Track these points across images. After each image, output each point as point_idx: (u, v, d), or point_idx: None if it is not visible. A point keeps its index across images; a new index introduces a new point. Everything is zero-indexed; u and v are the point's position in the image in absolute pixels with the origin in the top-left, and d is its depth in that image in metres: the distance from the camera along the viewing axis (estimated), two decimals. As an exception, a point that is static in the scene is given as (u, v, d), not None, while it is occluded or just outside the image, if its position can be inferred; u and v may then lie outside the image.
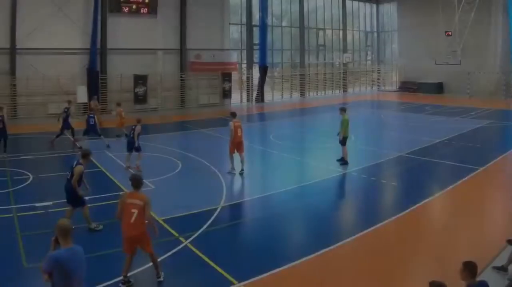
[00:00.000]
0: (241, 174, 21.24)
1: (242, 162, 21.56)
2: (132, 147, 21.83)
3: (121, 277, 10.59)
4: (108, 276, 10.95)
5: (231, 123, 21.39)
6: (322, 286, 11.09)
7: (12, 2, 37.67)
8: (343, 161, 22.48)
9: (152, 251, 10.86)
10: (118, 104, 30.94)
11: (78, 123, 29.76)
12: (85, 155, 14.32)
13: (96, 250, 12.26)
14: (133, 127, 22.02)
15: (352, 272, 11.78)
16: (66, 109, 27.56)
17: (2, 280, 10.52)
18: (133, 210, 10.47)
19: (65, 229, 7.20)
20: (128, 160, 21.95)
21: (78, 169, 13.73)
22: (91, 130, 26.92)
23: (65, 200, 14.28)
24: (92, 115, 27.22)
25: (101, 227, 14.20)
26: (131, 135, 21.91)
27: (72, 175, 13.74)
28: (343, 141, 22.45)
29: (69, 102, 28.94)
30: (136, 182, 11.01)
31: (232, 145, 21.41)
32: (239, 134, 21.45)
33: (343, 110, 22.61)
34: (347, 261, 12.45)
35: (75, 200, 13.98)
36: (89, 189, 14.84)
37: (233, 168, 21.54)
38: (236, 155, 21.61)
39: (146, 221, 10.69)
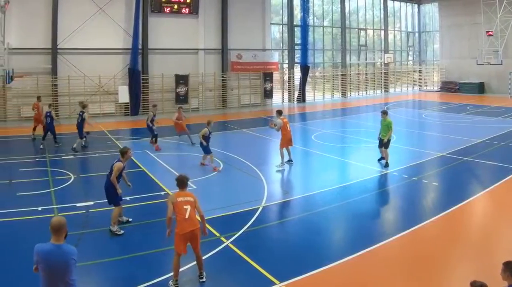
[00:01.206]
0: (289, 162, 21.86)
1: (289, 153, 22.12)
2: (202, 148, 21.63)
3: (170, 281, 10.33)
4: (147, 276, 10.72)
5: (279, 120, 21.81)
6: (363, 286, 10.72)
7: (53, 3, 36.58)
8: (386, 163, 21.37)
9: (200, 251, 10.68)
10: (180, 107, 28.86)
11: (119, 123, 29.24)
12: (124, 152, 14.05)
13: (135, 250, 12.20)
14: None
15: (393, 272, 11.36)
16: (81, 113, 25.93)
17: None
18: (185, 206, 10.39)
19: (56, 226, 7.04)
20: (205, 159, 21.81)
21: (118, 165, 13.62)
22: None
23: (106, 200, 14.08)
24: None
25: (122, 232, 13.57)
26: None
27: (111, 171, 13.64)
28: (386, 144, 21.27)
29: (84, 106, 26.73)
30: (182, 182, 10.89)
31: (283, 141, 21.90)
32: (288, 129, 22.09)
33: (385, 113, 21.38)
34: (388, 261, 11.96)
35: (112, 198, 13.74)
36: (130, 185, 14.73)
37: (282, 163, 21.53)
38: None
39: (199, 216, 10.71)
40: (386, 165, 21.11)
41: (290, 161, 22.03)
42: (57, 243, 7.02)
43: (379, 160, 21.71)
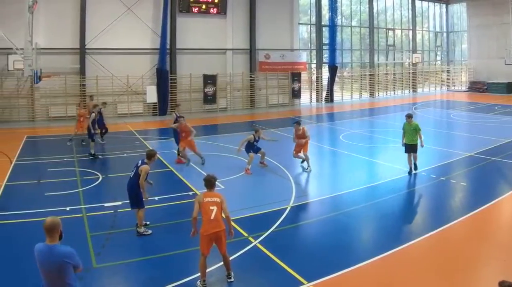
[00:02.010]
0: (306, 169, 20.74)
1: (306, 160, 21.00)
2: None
3: (198, 281, 10.07)
4: (175, 276, 10.46)
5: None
6: (392, 286, 10.46)
7: (81, 3, 35.66)
8: (414, 167, 19.68)
9: (226, 252, 10.35)
10: None
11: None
12: (152, 155, 13.65)
13: (164, 250, 11.94)
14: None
15: (421, 272, 10.90)
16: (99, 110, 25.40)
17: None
18: (211, 207, 10.09)
19: (48, 226, 6.86)
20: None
21: (146, 168, 13.14)
22: None
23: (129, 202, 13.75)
24: None
25: (150, 232, 13.20)
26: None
27: (136, 174, 13.16)
28: (415, 148, 19.48)
29: (95, 106, 25.48)
30: (209, 182, 10.57)
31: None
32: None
33: (410, 116, 19.66)
34: (416, 261, 11.61)
35: (138, 200, 13.20)
36: (152, 183, 14.22)
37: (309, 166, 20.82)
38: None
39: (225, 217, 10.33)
40: (415, 168, 19.55)
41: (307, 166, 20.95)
42: (50, 243, 6.82)
43: (409, 173, 19.51)
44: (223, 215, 10.23)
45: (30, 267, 9.28)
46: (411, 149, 19.42)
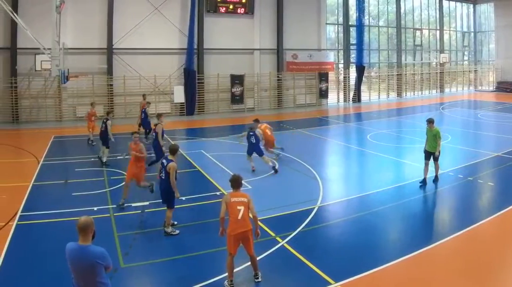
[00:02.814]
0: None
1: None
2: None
3: (225, 281, 9.79)
4: (203, 276, 10.21)
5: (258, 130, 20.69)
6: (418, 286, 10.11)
7: (109, 3, 34.60)
8: (435, 178, 17.58)
9: (254, 252, 10.00)
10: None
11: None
12: (174, 150, 13.14)
13: (191, 250, 11.67)
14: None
15: (449, 272, 10.55)
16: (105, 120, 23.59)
17: None
18: (239, 207, 9.81)
19: (82, 226, 6.56)
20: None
21: (173, 165, 12.63)
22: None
23: (161, 200, 13.31)
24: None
25: (177, 232, 12.85)
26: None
27: (167, 173, 12.64)
28: (437, 157, 17.37)
29: (108, 113, 23.92)
30: (236, 182, 10.26)
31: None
32: (269, 133, 21.55)
33: (431, 122, 17.51)
34: (443, 261, 11.15)
35: (168, 199, 12.85)
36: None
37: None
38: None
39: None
40: (435, 179, 17.50)
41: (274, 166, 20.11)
42: (83, 243, 6.57)
43: (422, 184, 17.27)
44: (250, 215, 9.95)
45: (58, 267, 9.00)
46: (430, 156, 17.41)
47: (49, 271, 10.31)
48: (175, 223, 13.27)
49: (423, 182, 17.26)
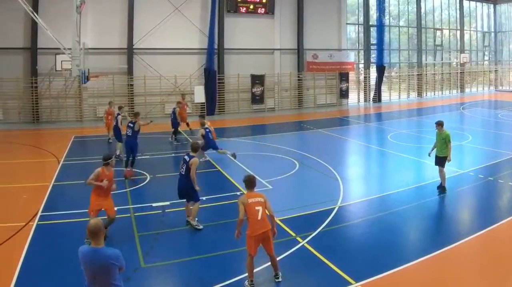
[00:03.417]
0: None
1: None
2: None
3: (245, 281, 9.52)
4: (223, 276, 9.92)
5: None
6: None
7: (129, 3, 33.55)
8: (442, 189, 15.97)
9: (274, 252, 9.69)
10: None
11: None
12: (196, 147, 13.25)
13: (211, 250, 11.37)
14: None
15: (470, 272, 10.42)
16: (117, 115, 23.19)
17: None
18: (257, 207, 9.50)
19: (93, 229, 6.42)
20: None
21: (195, 161, 12.62)
22: None
23: (181, 200, 13.31)
24: None
25: (201, 226, 12.75)
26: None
27: (187, 169, 12.58)
28: (443, 162, 15.99)
29: (120, 108, 23.97)
30: (251, 183, 9.94)
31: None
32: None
33: (440, 124, 16.16)
34: (464, 261, 10.99)
35: (193, 194, 12.77)
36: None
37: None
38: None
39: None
40: (443, 190, 15.84)
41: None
42: (96, 246, 6.44)
43: (439, 190, 16.02)
44: (268, 214, 9.67)
45: (78, 267, 8.27)
46: (438, 161, 16.08)
47: (68, 271, 9.86)
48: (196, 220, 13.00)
49: (440, 187, 15.97)
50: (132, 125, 18.52)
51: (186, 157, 12.84)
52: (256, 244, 9.47)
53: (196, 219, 12.79)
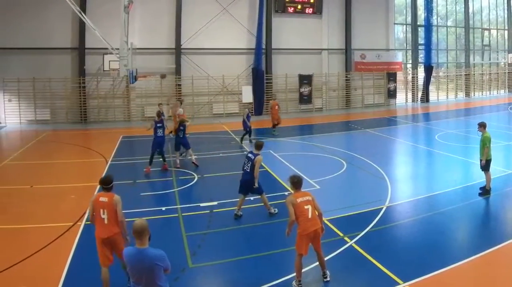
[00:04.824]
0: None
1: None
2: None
3: (293, 281, 8.93)
4: (271, 276, 9.25)
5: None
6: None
7: (177, 3, 31.02)
8: (484, 191, 14.70)
9: (322, 250, 9.09)
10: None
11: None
12: (261, 145, 12.80)
13: (259, 250, 10.58)
14: None
15: None
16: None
17: (168, 281, 7.07)
18: (306, 206, 8.89)
19: (138, 229, 6.08)
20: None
21: (259, 158, 12.41)
22: None
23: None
24: None
25: (276, 210, 12.77)
26: None
27: (253, 165, 12.38)
28: (486, 166, 14.73)
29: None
30: (299, 183, 9.17)
31: None
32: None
33: (482, 126, 15.17)
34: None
35: (258, 187, 12.62)
36: None
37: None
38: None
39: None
40: (486, 193, 14.54)
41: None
42: (141, 247, 6.04)
43: (480, 189, 14.85)
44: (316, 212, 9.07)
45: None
46: (480, 165, 14.78)
47: (116, 271, 8.79)
48: (240, 213, 12.75)
49: (483, 191, 14.62)
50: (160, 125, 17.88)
51: (250, 155, 12.60)
52: (307, 243, 8.99)
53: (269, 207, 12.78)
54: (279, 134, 25.78)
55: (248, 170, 12.52)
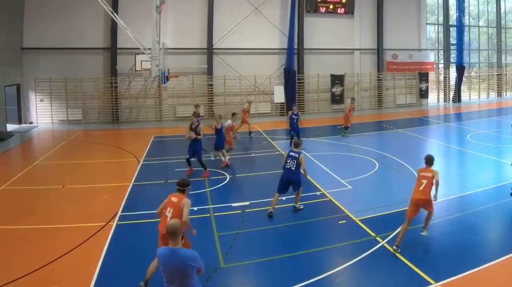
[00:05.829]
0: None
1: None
2: None
3: (393, 245, 9.70)
4: (304, 276, 8.86)
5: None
6: None
7: (209, 3, 29.10)
8: None
9: (433, 211, 10.10)
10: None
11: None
12: (299, 144, 12.73)
13: (292, 250, 10.16)
14: None
15: None
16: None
17: (200, 281, 6.75)
18: (423, 181, 9.92)
19: (171, 229, 5.83)
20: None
21: (303, 156, 12.21)
22: None
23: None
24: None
25: (302, 206, 12.48)
26: None
27: (298, 164, 12.10)
28: None
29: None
30: (429, 161, 10.39)
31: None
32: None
33: None
34: None
35: (298, 184, 12.25)
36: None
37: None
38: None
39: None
40: None
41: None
42: (174, 247, 5.76)
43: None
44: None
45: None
46: None
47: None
48: (271, 210, 12.24)
49: None
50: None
51: (292, 153, 12.28)
52: (414, 208, 9.86)
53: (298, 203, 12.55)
54: (310, 135, 24.37)
55: (293, 168, 12.15)
